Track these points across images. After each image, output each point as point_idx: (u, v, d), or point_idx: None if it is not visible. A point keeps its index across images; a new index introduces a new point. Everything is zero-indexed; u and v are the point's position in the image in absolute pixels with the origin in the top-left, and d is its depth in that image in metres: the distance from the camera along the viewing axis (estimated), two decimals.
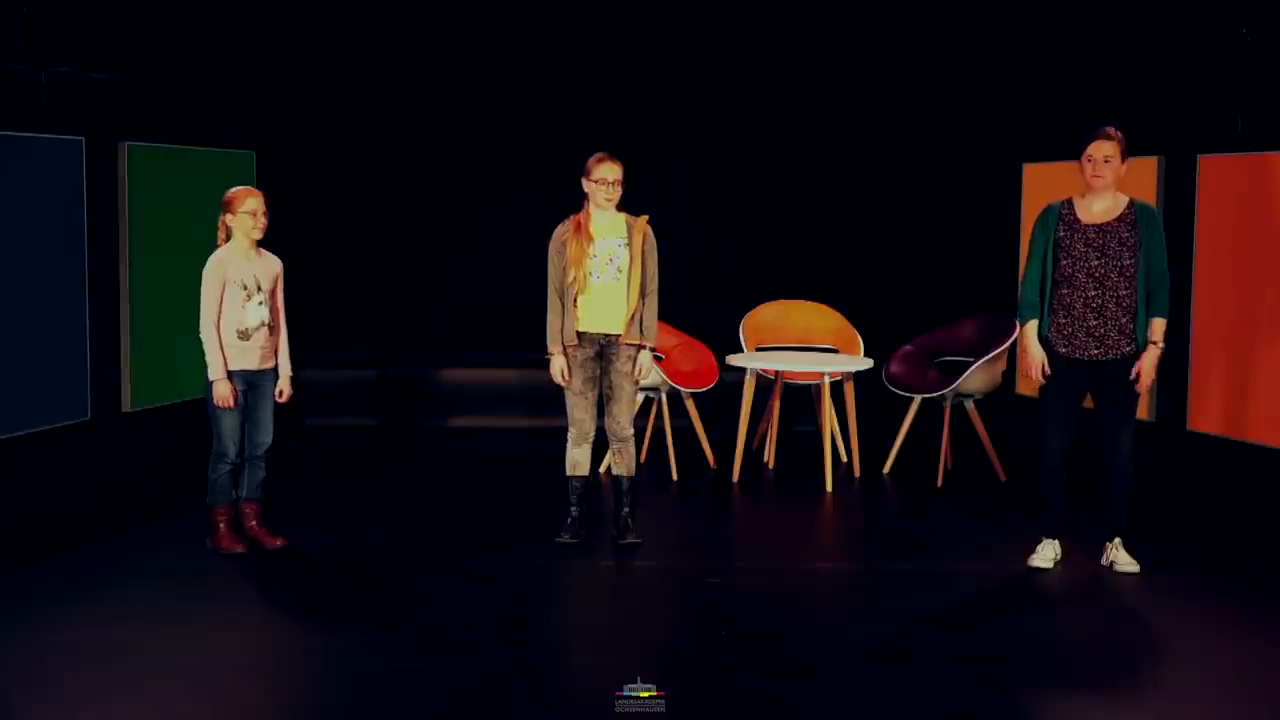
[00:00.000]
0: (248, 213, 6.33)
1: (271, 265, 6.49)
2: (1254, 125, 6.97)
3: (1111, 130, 6.14)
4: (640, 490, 7.07)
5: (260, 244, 6.45)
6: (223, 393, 6.31)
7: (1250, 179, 6.96)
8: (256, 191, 6.44)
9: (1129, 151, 6.15)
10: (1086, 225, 6.16)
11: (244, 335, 6.36)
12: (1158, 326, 6.14)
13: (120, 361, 7.43)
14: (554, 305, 6.59)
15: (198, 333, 6.36)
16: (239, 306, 6.34)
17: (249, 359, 6.39)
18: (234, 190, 6.39)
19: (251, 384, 6.43)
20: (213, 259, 6.36)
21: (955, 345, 8.53)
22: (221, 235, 6.40)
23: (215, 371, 6.33)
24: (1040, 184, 8.12)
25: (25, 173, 6.76)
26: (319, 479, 8.22)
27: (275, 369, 6.51)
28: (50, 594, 5.92)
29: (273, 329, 6.46)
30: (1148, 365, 6.14)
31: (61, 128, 6.98)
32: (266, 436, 6.52)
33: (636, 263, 6.55)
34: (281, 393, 6.53)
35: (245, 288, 6.34)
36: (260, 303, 6.39)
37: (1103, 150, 6.11)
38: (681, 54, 10.02)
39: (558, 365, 6.60)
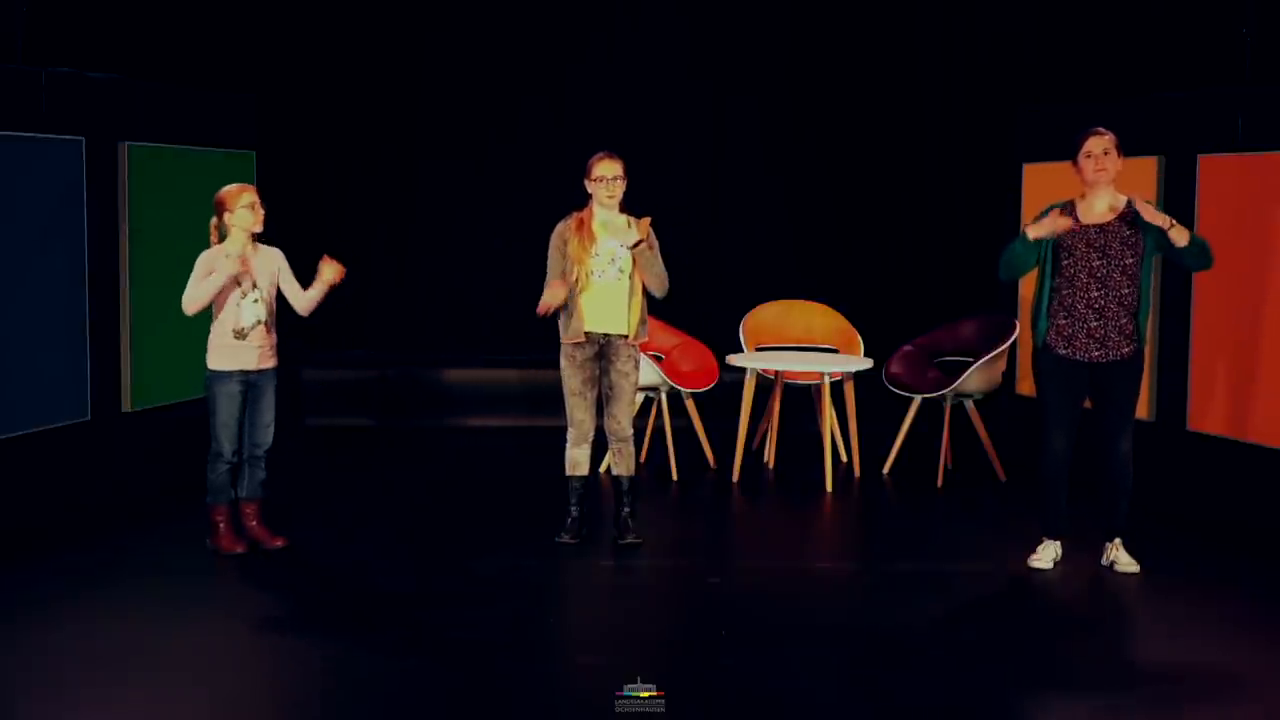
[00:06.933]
0: (246, 207, 6.30)
1: (269, 260, 6.47)
2: (1254, 125, 6.97)
3: (1103, 127, 6.15)
4: (640, 490, 7.07)
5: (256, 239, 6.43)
6: (231, 267, 6.22)
7: (1250, 179, 6.96)
8: (249, 186, 6.42)
9: (1121, 152, 6.16)
10: (1088, 226, 6.16)
11: (240, 334, 6.34)
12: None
13: (120, 361, 7.43)
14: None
15: (195, 331, 6.35)
16: (234, 304, 6.32)
17: (246, 359, 6.37)
18: (225, 189, 6.35)
19: (250, 384, 6.41)
20: (213, 249, 6.31)
21: (955, 345, 8.53)
22: (214, 238, 6.37)
23: (216, 282, 6.21)
24: (1040, 184, 8.12)
25: (25, 173, 6.76)
26: (319, 479, 8.22)
27: (275, 369, 6.49)
28: (50, 594, 5.92)
29: (269, 327, 6.44)
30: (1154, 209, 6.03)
31: (61, 128, 6.98)
32: (267, 438, 6.51)
33: (640, 264, 6.55)
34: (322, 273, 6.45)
35: (240, 283, 6.32)
36: (256, 300, 6.36)
37: (1101, 144, 6.12)
38: (681, 54, 10.02)
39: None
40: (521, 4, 9.99)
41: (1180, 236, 5.99)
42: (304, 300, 6.49)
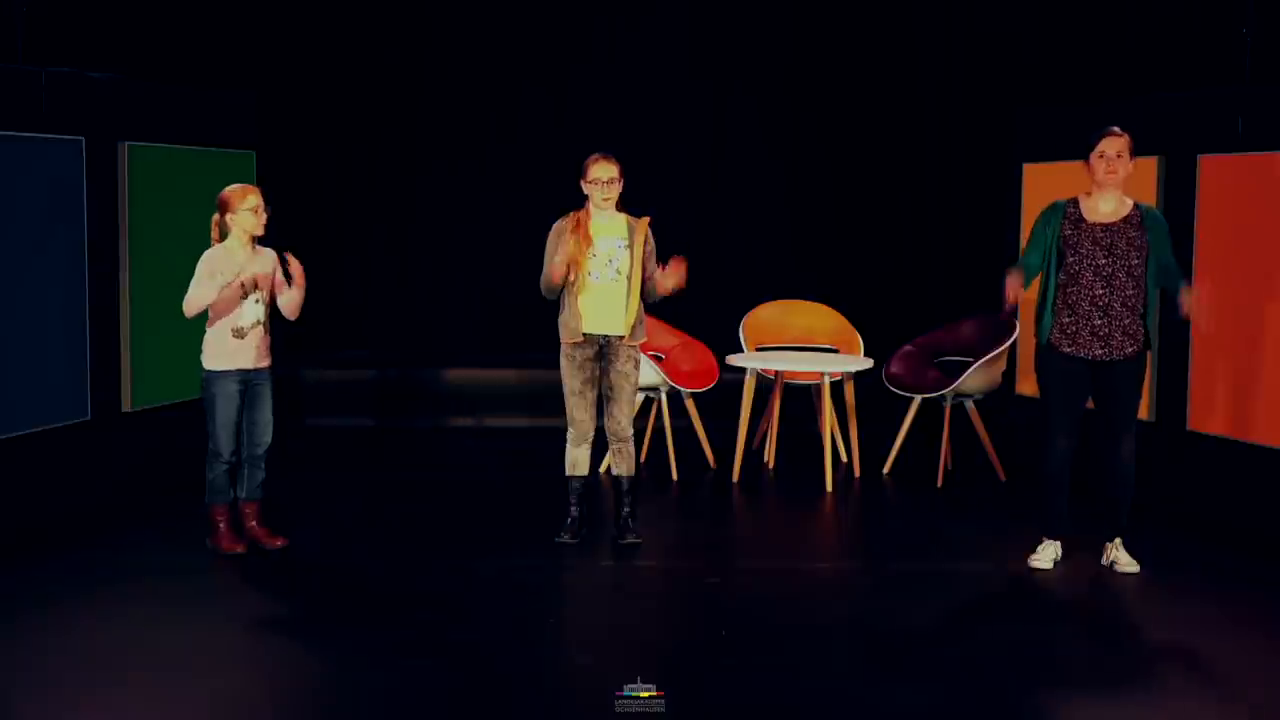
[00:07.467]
0: (249, 210, 6.31)
1: (268, 261, 6.47)
2: (1254, 125, 6.97)
3: (1119, 129, 6.16)
4: (640, 490, 7.07)
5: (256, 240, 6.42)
6: (238, 283, 6.23)
7: (1250, 179, 6.96)
8: (253, 188, 6.42)
9: (1134, 155, 6.17)
10: (1094, 224, 6.16)
11: (239, 334, 6.34)
12: (1186, 292, 6.14)
13: (120, 361, 7.43)
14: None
15: (194, 331, 6.35)
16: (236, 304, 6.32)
17: (245, 358, 6.37)
18: (230, 189, 6.36)
19: (248, 383, 6.41)
20: (213, 251, 6.32)
21: (955, 345, 8.53)
22: (215, 235, 6.38)
23: (216, 292, 6.22)
24: (1040, 184, 8.12)
25: (25, 173, 6.76)
26: (319, 479, 8.22)
27: (270, 368, 6.49)
28: (50, 594, 5.92)
29: (267, 327, 6.44)
30: (1191, 301, 6.13)
31: (61, 128, 6.98)
32: (266, 436, 6.51)
33: (637, 265, 6.55)
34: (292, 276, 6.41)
35: (243, 285, 6.31)
36: (257, 301, 6.37)
37: (1115, 146, 6.11)
38: (682, 54, 10.03)
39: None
40: (523, 3, 9.99)
41: (1185, 302, 6.11)
42: (288, 302, 6.45)
